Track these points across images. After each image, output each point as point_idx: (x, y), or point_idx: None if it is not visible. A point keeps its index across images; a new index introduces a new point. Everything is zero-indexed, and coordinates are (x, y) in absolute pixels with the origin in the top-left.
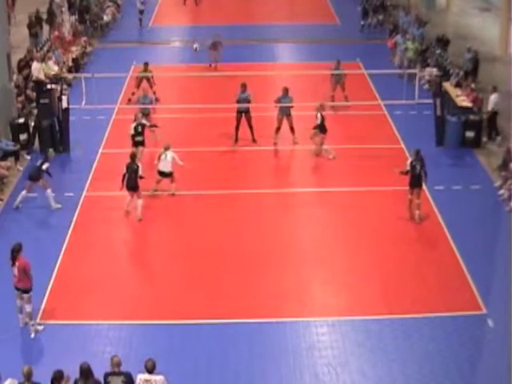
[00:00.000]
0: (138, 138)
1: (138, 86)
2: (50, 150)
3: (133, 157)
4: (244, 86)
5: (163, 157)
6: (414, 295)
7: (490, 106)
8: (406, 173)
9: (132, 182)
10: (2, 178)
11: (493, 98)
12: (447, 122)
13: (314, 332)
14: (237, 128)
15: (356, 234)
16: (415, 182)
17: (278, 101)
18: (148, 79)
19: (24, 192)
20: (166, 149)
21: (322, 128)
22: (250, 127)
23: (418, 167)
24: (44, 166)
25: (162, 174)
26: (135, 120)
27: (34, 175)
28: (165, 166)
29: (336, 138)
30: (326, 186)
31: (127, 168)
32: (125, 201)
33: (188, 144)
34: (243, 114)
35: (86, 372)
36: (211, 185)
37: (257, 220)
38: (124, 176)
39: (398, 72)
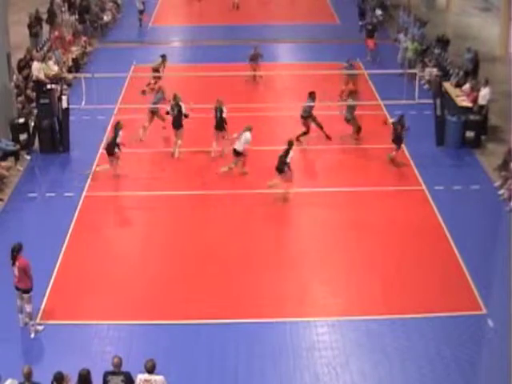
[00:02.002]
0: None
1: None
2: (120, 122)
3: (175, 97)
4: None
5: (242, 137)
6: (414, 295)
7: (481, 101)
8: (385, 123)
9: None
10: (2, 178)
11: (485, 91)
12: (447, 122)
13: (313, 332)
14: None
15: (356, 234)
16: (394, 139)
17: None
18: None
19: (107, 166)
20: (246, 130)
21: (219, 125)
22: None
23: (398, 128)
24: (118, 139)
25: (234, 151)
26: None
27: (110, 148)
28: (237, 145)
29: (336, 137)
30: (326, 185)
31: (172, 108)
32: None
33: (188, 144)
34: None
35: (84, 378)
36: (211, 185)
37: (257, 220)
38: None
39: (398, 72)
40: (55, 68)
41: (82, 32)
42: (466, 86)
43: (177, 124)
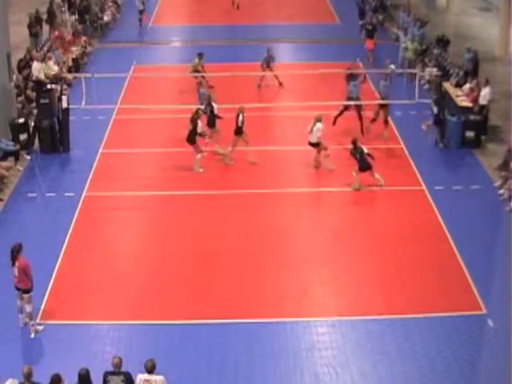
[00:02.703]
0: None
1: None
2: (199, 110)
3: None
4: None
5: (314, 128)
6: (414, 295)
7: (481, 101)
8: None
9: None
10: (2, 178)
11: (485, 91)
12: (447, 122)
13: (313, 332)
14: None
15: (356, 234)
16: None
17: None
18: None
19: (199, 155)
20: (317, 120)
21: (238, 130)
22: None
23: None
24: (199, 129)
25: (309, 144)
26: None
27: (190, 138)
28: (310, 137)
29: (336, 137)
30: (326, 185)
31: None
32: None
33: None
34: None
35: (83, 378)
36: (212, 185)
37: (257, 220)
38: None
39: (398, 72)
40: (55, 68)
41: (81, 32)
42: (466, 86)
43: (210, 123)
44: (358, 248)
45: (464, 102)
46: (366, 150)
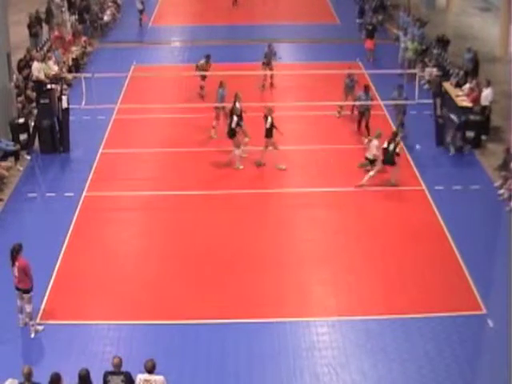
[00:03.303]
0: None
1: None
2: (235, 107)
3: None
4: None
5: (370, 145)
6: (414, 295)
7: (483, 101)
8: None
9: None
10: (2, 178)
11: (487, 92)
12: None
13: (313, 332)
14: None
15: (356, 234)
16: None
17: (359, 98)
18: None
19: (238, 151)
20: (375, 137)
21: (268, 133)
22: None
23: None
24: (233, 124)
25: (366, 159)
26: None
27: (230, 133)
28: (368, 153)
29: (337, 138)
30: (327, 186)
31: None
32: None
33: (188, 144)
34: None
35: (83, 378)
36: (212, 185)
37: (257, 220)
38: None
39: (398, 72)
40: (55, 68)
41: (81, 32)
42: (466, 86)
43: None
44: (358, 248)
45: (464, 102)
46: (398, 149)
